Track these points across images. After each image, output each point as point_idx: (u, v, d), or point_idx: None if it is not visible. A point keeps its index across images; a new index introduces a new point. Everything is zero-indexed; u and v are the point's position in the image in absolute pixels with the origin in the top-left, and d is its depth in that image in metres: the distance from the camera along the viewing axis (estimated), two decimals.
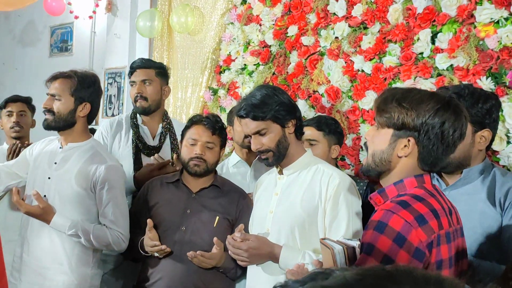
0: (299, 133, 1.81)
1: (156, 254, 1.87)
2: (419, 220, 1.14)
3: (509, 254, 1.50)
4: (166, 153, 2.44)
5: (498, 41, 2.23)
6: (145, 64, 2.45)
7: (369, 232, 1.17)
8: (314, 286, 0.49)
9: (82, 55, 4.51)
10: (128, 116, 2.50)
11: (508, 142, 2.17)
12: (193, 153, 1.94)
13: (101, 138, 2.43)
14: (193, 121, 2.00)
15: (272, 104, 1.73)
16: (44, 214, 1.88)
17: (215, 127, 1.97)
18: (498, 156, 2.19)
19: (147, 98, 2.41)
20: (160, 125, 2.48)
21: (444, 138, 1.21)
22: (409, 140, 1.23)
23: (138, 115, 2.47)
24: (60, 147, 2.03)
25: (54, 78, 2.01)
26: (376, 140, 1.29)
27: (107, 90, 4.21)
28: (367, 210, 1.80)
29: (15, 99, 2.74)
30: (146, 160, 2.38)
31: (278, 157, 1.76)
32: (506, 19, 2.22)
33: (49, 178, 1.98)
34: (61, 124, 1.99)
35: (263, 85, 2.62)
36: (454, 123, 1.21)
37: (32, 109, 2.81)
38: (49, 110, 1.97)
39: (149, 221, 1.86)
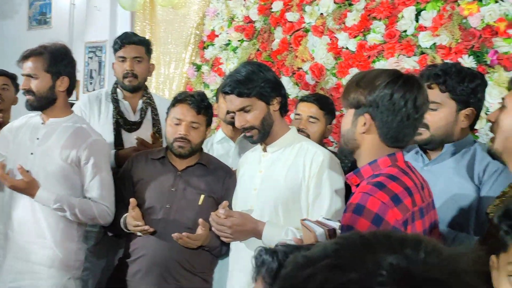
0: (283, 111, 1.82)
1: (138, 234, 1.87)
2: (395, 200, 1.19)
3: (484, 226, 1.56)
4: (147, 128, 2.43)
5: (481, 20, 2.25)
6: (137, 40, 2.40)
7: (348, 214, 1.22)
8: (297, 255, 0.52)
9: (61, 28, 4.39)
10: (108, 91, 2.47)
11: (487, 120, 2.21)
12: (177, 134, 1.91)
13: (80, 113, 2.39)
14: (177, 100, 1.96)
15: (257, 81, 1.72)
16: (29, 188, 1.88)
17: (200, 106, 1.92)
18: (477, 134, 2.24)
19: (138, 76, 2.38)
20: (141, 101, 2.46)
21: (396, 110, 1.24)
22: (365, 117, 1.28)
23: (118, 90, 2.44)
24: (42, 123, 2.00)
25: (25, 57, 1.96)
26: (343, 121, 1.36)
27: (88, 64, 4.12)
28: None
29: None
30: (126, 136, 2.36)
31: (263, 135, 1.76)
32: None
33: (31, 153, 1.95)
34: (43, 103, 1.96)
35: (248, 62, 2.61)
36: (405, 95, 1.24)
37: (16, 86, 2.75)
38: (28, 91, 1.94)
39: (132, 200, 1.85)
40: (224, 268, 1.94)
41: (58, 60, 1.97)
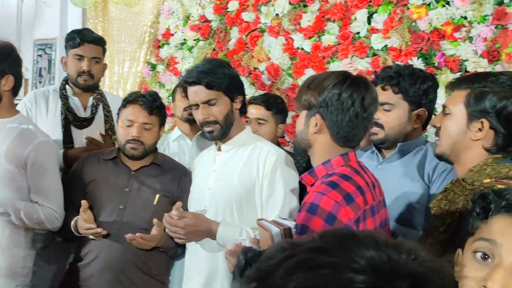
0: (243, 111, 1.82)
1: (90, 237, 1.81)
2: (347, 198, 1.22)
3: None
4: (99, 124, 2.37)
5: (429, 23, 2.33)
6: (97, 40, 2.33)
7: (302, 213, 1.23)
8: (281, 242, 0.52)
9: (8, 25, 4.20)
10: (56, 88, 2.38)
11: (431, 125, 2.30)
12: (129, 135, 1.85)
13: (25, 109, 2.30)
14: (128, 100, 1.90)
15: (225, 75, 1.72)
16: None
17: (153, 106, 1.88)
18: (426, 133, 2.32)
19: (94, 76, 2.32)
20: (91, 97, 2.39)
21: (344, 109, 1.28)
22: (316, 117, 1.32)
23: (68, 86, 2.36)
24: None
25: None
26: (297, 122, 1.39)
27: (37, 62, 3.97)
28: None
29: None
30: (76, 133, 2.29)
31: (224, 131, 1.74)
32: (437, 1, 2.33)
33: None
34: None
35: (213, 58, 2.59)
36: (352, 94, 1.28)
37: None
38: None
39: (83, 202, 1.79)
40: (182, 267, 1.92)
41: (2, 58, 1.87)
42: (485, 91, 1.23)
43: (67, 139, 2.26)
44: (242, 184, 1.72)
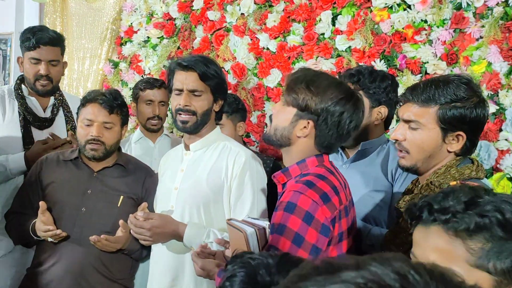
0: (219, 116, 1.81)
1: (50, 239, 1.74)
2: (324, 198, 1.23)
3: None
4: (60, 125, 2.29)
5: (391, 26, 2.39)
6: (54, 40, 2.19)
7: (279, 213, 1.23)
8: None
9: None
10: (10, 88, 2.27)
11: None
12: (89, 135, 1.80)
13: None
14: (87, 99, 1.84)
15: (218, 74, 1.72)
16: None
17: (113, 105, 1.82)
18: (388, 133, 2.38)
19: (52, 80, 2.22)
20: (52, 98, 2.31)
21: (341, 127, 1.29)
22: (308, 123, 1.30)
23: (23, 86, 2.25)
24: None
25: None
26: (280, 116, 1.35)
27: None
28: (273, 188, 1.86)
29: None
30: (37, 133, 2.20)
31: (197, 126, 1.72)
32: (399, 5, 2.39)
33: None
34: None
35: (207, 56, 2.55)
36: (352, 115, 1.30)
37: None
38: None
39: (41, 203, 1.72)
40: (146, 270, 1.88)
41: None
42: (457, 105, 1.24)
43: (28, 140, 2.17)
44: (210, 185, 1.70)
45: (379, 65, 2.39)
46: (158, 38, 3.12)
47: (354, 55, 2.48)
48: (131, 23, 3.21)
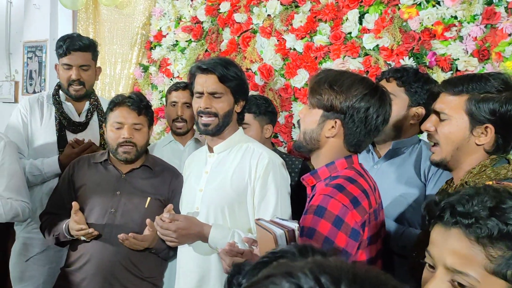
0: (241, 118, 1.82)
1: (82, 238, 1.80)
2: (354, 202, 1.22)
3: None
4: (93, 129, 2.37)
5: (420, 23, 2.35)
6: (83, 46, 2.28)
7: (309, 216, 1.22)
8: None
9: None
10: (49, 94, 2.38)
11: (423, 130, 2.32)
12: (120, 138, 1.85)
13: (20, 116, 2.30)
14: (115, 103, 1.89)
15: (238, 76, 1.74)
16: None
17: (140, 106, 1.87)
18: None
19: (85, 84, 2.31)
20: (87, 102, 2.39)
21: (368, 122, 1.28)
22: (335, 122, 1.29)
23: (61, 92, 2.36)
24: None
25: None
26: (307, 119, 1.35)
27: (27, 65, 3.93)
28: (304, 188, 1.85)
29: None
30: (71, 137, 2.29)
31: (219, 128, 1.74)
32: (427, 1, 2.34)
33: None
34: None
35: (227, 57, 2.59)
36: (379, 109, 1.28)
37: None
38: None
39: (74, 203, 1.78)
40: (175, 270, 1.92)
41: None
42: (487, 97, 1.22)
43: (62, 144, 2.27)
44: (234, 187, 1.71)
45: (408, 63, 2.35)
46: (186, 41, 3.17)
47: (382, 53, 2.45)
48: (160, 28, 3.28)
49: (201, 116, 1.73)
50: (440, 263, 0.87)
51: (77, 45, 2.26)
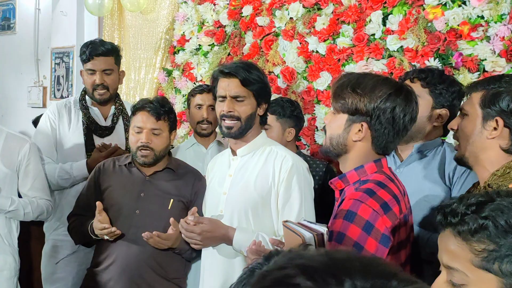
0: (263, 120, 1.82)
1: (106, 237, 1.83)
2: (384, 207, 1.20)
3: None
4: (119, 133, 2.42)
5: (446, 23, 2.31)
6: (105, 51, 2.33)
7: (338, 221, 1.21)
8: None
9: (26, 34, 4.28)
10: (76, 99, 2.44)
11: (449, 129, 2.28)
12: (139, 142, 1.88)
13: (49, 121, 2.36)
14: (137, 108, 1.92)
15: (260, 79, 1.74)
16: None
17: (160, 112, 1.89)
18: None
19: (109, 88, 2.36)
20: (113, 107, 2.44)
21: (395, 122, 1.26)
22: (362, 125, 1.27)
23: (87, 97, 2.41)
24: None
25: None
26: (332, 124, 1.33)
27: (55, 70, 4.03)
28: (328, 191, 1.84)
29: None
30: (98, 141, 2.35)
31: (242, 131, 1.74)
32: (453, 1, 2.31)
33: None
34: None
35: (250, 61, 2.60)
36: (405, 108, 1.26)
37: None
38: None
39: (98, 203, 1.82)
40: (199, 272, 1.93)
41: None
42: (499, 91, 1.25)
43: (90, 148, 2.33)
44: (257, 190, 1.71)
45: (434, 64, 2.31)
46: (209, 45, 3.20)
47: (406, 54, 2.42)
48: (183, 32, 3.31)
49: (224, 120, 1.74)
50: (441, 264, 0.91)
51: (100, 51, 2.32)
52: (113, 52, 2.38)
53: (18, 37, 4.37)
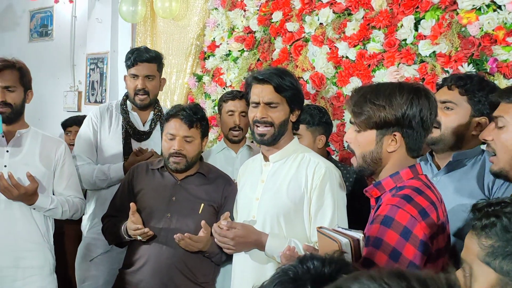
0: (296, 126, 1.83)
1: (139, 238, 1.86)
2: (422, 213, 1.19)
3: None
4: (156, 138, 2.48)
5: (480, 28, 2.26)
6: (149, 58, 2.42)
7: (375, 226, 1.20)
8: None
9: (62, 40, 4.43)
10: (118, 103, 2.52)
11: (482, 139, 2.21)
12: (171, 149, 1.91)
13: (91, 124, 2.45)
14: (170, 115, 1.96)
15: (293, 85, 1.74)
16: (34, 193, 1.96)
17: (193, 119, 1.92)
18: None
19: (150, 93, 2.43)
20: (152, 112, 2.51)
21: (425, 124, 1.26)
22: (395, 135, 1.27)
23: (128, 102, 2.48)
24: (3, 136, 2.04)
25: None
26: (362, 142, 1.31)
27: (89, 76, 4.15)
28: (358, 198, 1.81)
29: None
30: (135, 145, 2.42)
31: (275, 138, 1.75)
32: (488, 6, 2.25)
33: (5, 166, 2.01)
34: (17, 116, 2.07)
35: (282, 67, 2.60)
36: (430, 107, 1.26)
37: None
38: (5, 103, 2.01)
39: (132, 204, 1.85)
40: (227, 277, 1.94)
41: (27, 76, 2.10)
42: None
43: (127, 151, 2.40)
44: (290, 196, 1.72)
45: (467, 69, 2.26)
46: (239, 51, 3.22)
47: (439, 60, 2.38)
48: (214, 38, 3.36)
49: (258, 126, 1.75)
50: None
51: (144, 57, 2.40)
52: (156, 59, 2.46)
53: (55, 44, 4.52)
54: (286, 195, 1.72)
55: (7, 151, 2.02)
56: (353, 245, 1.24)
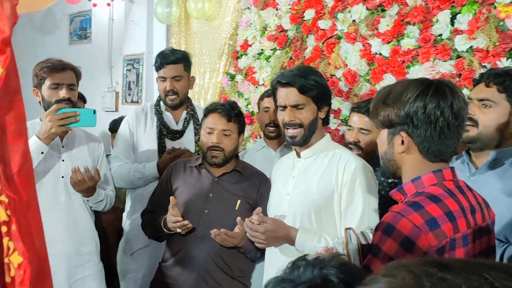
0: (326, 121, 1.83)
1: (178, 230, 1.91)
2: (431, 224, 1.09)
3: None
4: (189, 137, 2.56)
5: None
6: (175, 60, 2.49)
7: (378, 233, 1.14)
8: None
9: (101, 42, 4.56)
10: (152, 104, 2.61)
11: None
12: (210, 142, 1.97)
13: (128, 125, 2.54)
14: (209, 110, 2.02)
15: (317, 83, 1.74)
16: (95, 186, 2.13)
17: (231, 114, 1.98)
18: None
19: (178, 93, 2.51)
20: (185, 112, 2.58)
21: (433, 122, 1.16)
22: (402, 135, 1.21)
23: (161, 102, 2.57)
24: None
25: (62, 68, 2.13)
26: (379, 142, 1.30)
27: (126, 76, 4.26)
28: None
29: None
30: (169, 144, 2.50)
31: (306, 137, 1.77)
32: None
33: (63, 160, 2.14)
34: None
35: (307, 66, 2.61)
36: (440, 104, 1.16)
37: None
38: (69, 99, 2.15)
39: (172, 198, 1.91)
40: (261, 272, 1.97)
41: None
42: None
43: (161, 150, 2.48)
44: (320, 191, 1.73)
45: (506, 64, 2.20)
46: (271, 50, 3.24)
47: (476, 55, 2.32)
48: (246, 37, 3.39)
49: (287, 129, 1.77)
50: None
51: (169, 59, 2.48)
52: (182, 59, 2.52)
53: (93, 46, 4.67)
54: (316, 191, 1.73)
55: (63, 146, 2.16)
56: (362, 249, 1.22)
